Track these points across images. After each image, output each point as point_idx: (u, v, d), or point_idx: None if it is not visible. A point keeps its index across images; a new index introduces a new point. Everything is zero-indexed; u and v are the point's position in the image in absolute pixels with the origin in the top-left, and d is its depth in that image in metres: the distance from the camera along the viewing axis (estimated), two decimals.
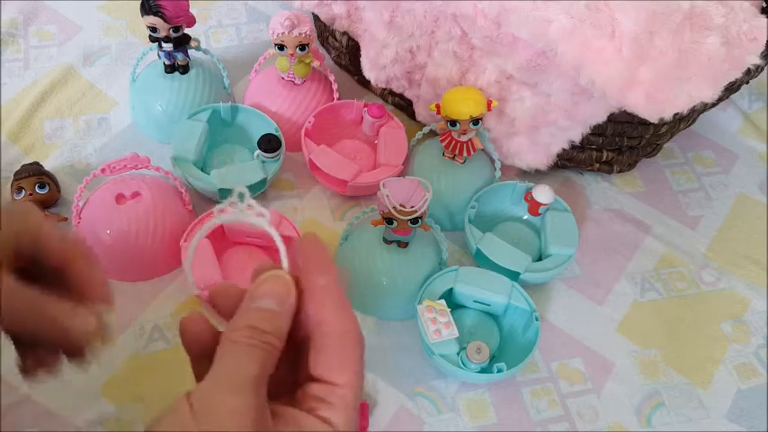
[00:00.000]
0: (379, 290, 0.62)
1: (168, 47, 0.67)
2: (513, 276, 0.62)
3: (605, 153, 0.70)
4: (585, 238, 0.69)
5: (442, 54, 0.64)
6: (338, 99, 0.72)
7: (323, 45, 0.81)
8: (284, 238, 0.36)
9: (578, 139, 0.65)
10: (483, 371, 0.57)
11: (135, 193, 0.62)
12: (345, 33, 0.73)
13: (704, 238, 0.71)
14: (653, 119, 0.55)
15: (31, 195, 0.63)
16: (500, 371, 0.56)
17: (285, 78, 0.71)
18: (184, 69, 0.71)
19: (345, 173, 0.66)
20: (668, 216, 0.72)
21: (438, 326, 0.57)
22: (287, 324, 0.34)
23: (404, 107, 0.75)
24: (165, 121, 0.70)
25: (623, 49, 0.52)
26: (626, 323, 0.65)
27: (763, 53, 0.58)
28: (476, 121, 0.61)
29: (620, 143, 0.68)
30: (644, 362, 0.63)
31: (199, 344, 0.36)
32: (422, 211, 0.56)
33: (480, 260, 0.64)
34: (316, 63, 0.70)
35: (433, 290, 0.60)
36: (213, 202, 0.67)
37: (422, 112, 0.71)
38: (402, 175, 0.68)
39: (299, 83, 0.71)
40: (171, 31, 0.66)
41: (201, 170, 0.66)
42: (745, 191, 0.75)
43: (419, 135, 0.68)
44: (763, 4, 0.61)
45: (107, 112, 0.74)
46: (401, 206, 0.56)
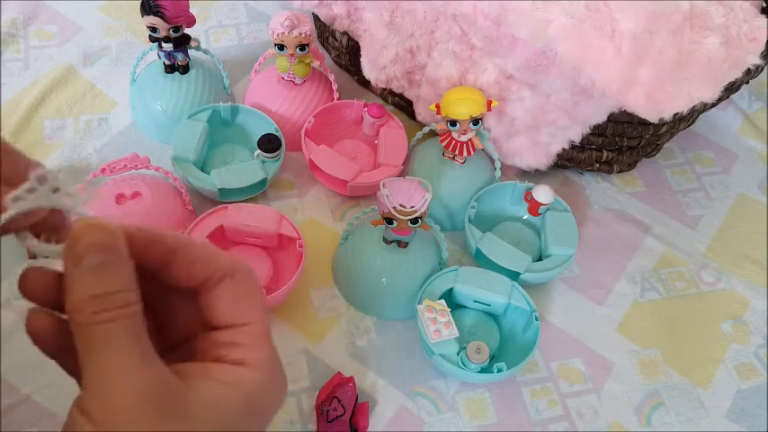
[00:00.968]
0: (379, 290, 0.62)
1: (168, 47, 0.67)
2: (513, 276, 0.62)
3: (605, 153, 0.70)
4: (585, 238, 0.69)
5: (441, 54, 0.64)
6: (338, 99, 0.72)
7: (323, 45, 0.81)
8: (284, 238, 0.34)
9: (578, 139, 0.65)
10: (483, 371, 0.57)
11: (135, 193, 0.62)
12: (345, 33, 0.73)
13: (704, 237, 0.71)
14: (653, 119, 0.55)
15: None
16: (500, 371, 0.56)
17: (285, 78, 0.71)
18: (184, 69, 0.71)
19: (345, 173, 0.66)
20: (668, 216, 0.72)
21: (438, 326, 0.57)
22: (129, 270, 0.29)
23: (404, 107, 0.75)
24: (165, 121, 0.70)
25: (623, 49, 0.52)
26: (626, 323, 0.65)
27: (763, 53, 0.58)
28: (476, 121, 0.61)
29: (620, 143, 0.68)
30: (644, 362, 0.63)
31: (53, 339, 0.30)
32: (422, 211, 0.56)
33: (480, 260, 0.64)
34: (316, 63, 0.70)
35: (433, 290, 0.60)
36: (213, 202, 0.67)
37: (422, 112, 0.71)
38: (402, 175, 0.68)
39: (299, 83, 0.71)
40: (171, 31, 0.66)
41: (201, 170, 0.66)
42: (744, 191, 0.75)
43: (419, 135, 0.68)
44: (763, 4, 0.61)
45: (107, 112, 0.74)
46: (401, 206, 0.56)
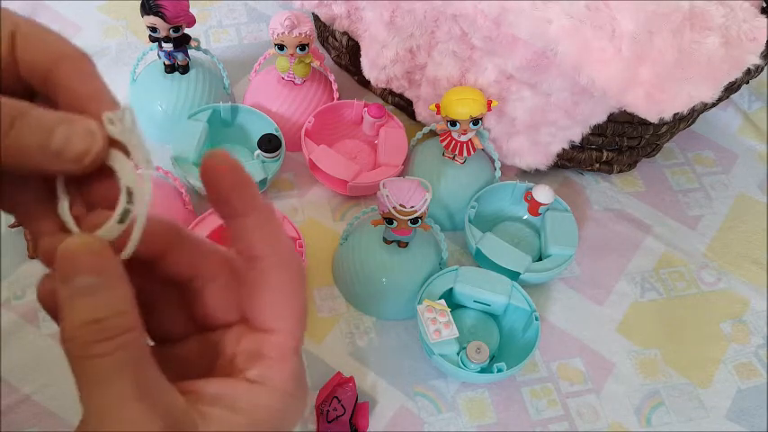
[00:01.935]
0: (379, 290, 0.62)
1: (168, 47, 0.67)
2: (513, 276, 0.62)
3: (605, 153, 0.70)
4: (585, 238, 0.69)
5: (441, 54, 0.64)
6: (338, 99, 0.72)
7: (323, 45, 0.81)
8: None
9: (578, 139, 0.65)
10: (483, 371, 0.57)
11: None
12: (345, 33, 0.73)
13: (704, 237, 0.71)
14: (653, 119, 0.55)
15: None
16: (500, 371, 0.56)
17: (285, 78, 0.71)
18: (184, 69, 0.71)
19: (345, 173, 0.66)
20: (668, 216, 0.72)
21: (438, 326, 0.57)
22: (124, 290, 0.26)
23: (404, 107, 0.75)
24: (165, 122, 0.70)
25: (623, 49, 0.52)
26: (626, 323, 0.65)
27: (763, 53, 0.58)
28: (476, 121, 0.61)
29: (620, 143, 0.68)
30: (644, 362, 0.63)
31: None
32: (422, 211, 0.56)
33: (480, 260, 0.64)
34: (316, 63, 0.70)
35: (433, 290, 0.60)
36: None
37: (422, 112, 0.71)
38: (402, 175, 0.68)
39: (299, 83, 0.71)
40: (171, 31, 0.66)
41: None
42: (744, 191, 0.75)
43: (419, 135, 0.68)
44: (763, 4, 0.61)
45: None
46: (401, 206, 0.56)
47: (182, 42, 0.68)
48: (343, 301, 0.64)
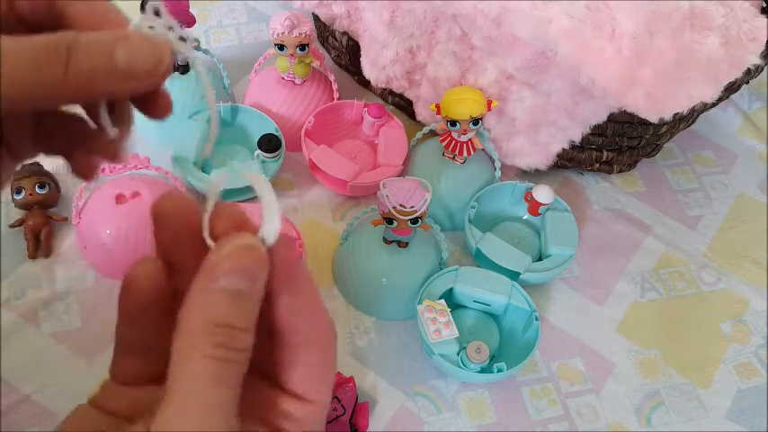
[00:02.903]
0: (379, 290, 0.62)
1: None
2: (513, 276, 0.62)
3: (605, 153, 0.70)
4: (585, 238, 0.69)
5: (441, 54, 0.64)
6: (338, 99, 0.72)
7: (323, 45, 0.81)
8: (284, 238, 0.28)
9: (578, 139, 0.65)
10: (483, 371, 0.57)
11: (135, 193, 0.62)
12: (345, 33, 0.73)
13: (704, 237, 0.71)
14: (653, 119, 0.55)
15: (31, 195, 0.63)
16: (500, 371, 0.56)
17: (285, 78, 0.71)
18: (184, 69, 0.71)
19: (345, 173, 0.66)
20: (668, 216, 0.72)
21: (438, 326, 0.57)
22: (258, 310, 0.26)
23: (404, 107, 0.75)
24: (166, 121, 0.70)
25: (623, 49, 0.52)
26: (626, 323, 0.65)
27: (763, 53, 0.58)
28: (476, 121, 0.61)
29: (620, 143, 0.68)
30: (644, 362, 0.63)
31: (141, 302, 0.28)
32: (422, 211, 0.56)
33: (480, 260, 0.64)
34: (316, 63, 0.70)
35: (433, 290, 0.60)
36: None
37: (422, 112, 0.71)
38: (402, 175, 0.68)
39: (299, 83, 0.71)
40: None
41: (201, 170, 0.66)
42: (744, 191, 0.75)
43: (419, 135, 0.68)
44: (763, 4, 0.61)
45: None
46: (401, 206, 0.56)
47: None
48: (343, 301, 0.64)
